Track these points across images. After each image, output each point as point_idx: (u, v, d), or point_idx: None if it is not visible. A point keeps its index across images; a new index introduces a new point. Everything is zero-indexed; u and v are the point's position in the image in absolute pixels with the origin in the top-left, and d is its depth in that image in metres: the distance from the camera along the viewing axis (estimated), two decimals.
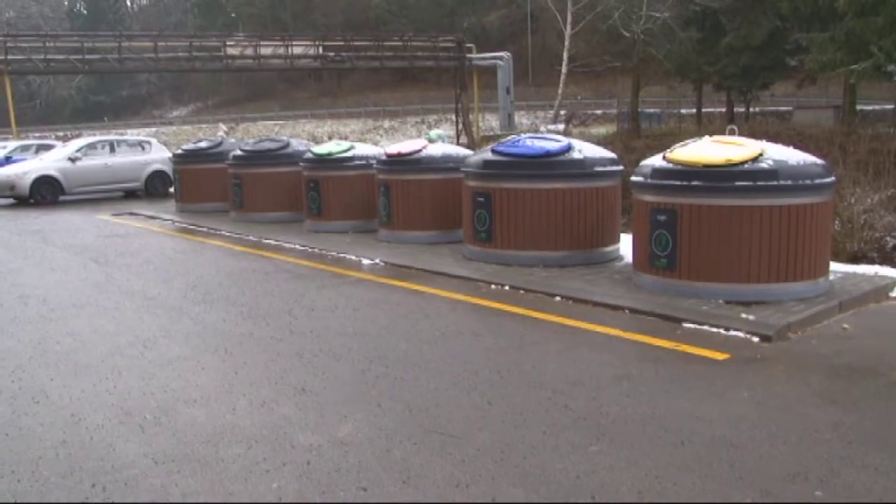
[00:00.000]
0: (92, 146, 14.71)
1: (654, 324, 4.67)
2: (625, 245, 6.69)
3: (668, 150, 5.41)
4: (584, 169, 6.35)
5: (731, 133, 5.53)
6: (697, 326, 4.51)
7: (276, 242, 8.43)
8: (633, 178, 5.55)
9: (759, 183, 4.82)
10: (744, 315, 4.59)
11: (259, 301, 5.64)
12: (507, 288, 5.78)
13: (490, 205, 6.53)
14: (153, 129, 46.64)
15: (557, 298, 5.39)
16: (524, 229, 6.41)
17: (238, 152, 10.42)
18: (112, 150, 14.75)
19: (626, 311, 4.98)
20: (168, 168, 14.55)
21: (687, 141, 5.57)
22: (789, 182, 4.82)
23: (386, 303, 5.51)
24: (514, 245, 6.46)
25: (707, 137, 5.47)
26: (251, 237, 8.89)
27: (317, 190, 8.87)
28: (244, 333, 4.72)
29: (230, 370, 3.98)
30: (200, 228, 9.90)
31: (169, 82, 60.57)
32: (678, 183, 5.09)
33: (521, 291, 5.67)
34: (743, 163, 4.89)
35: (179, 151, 12.39)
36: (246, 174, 10.14)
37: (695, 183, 5.01)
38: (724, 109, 26.36)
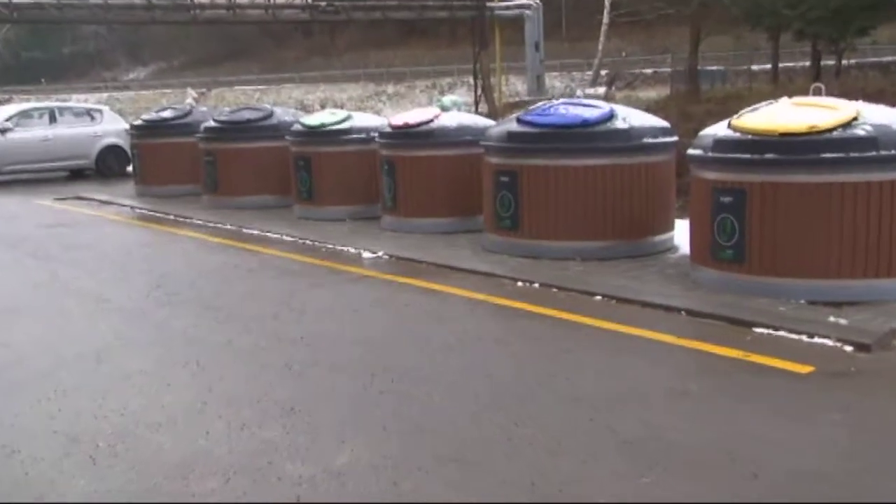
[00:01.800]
0: (26, 114, 14.18)
1: (718, 329, 4.65)
2: (680, 233, 6.66)
3: (735, 116, 5.37)
4: (629, 141, 6.33)
5: (817, 93, 5.40)
6: (772, 332, 4.49)
7: (259, 232, 8.47)
8: (691, 152, 5.52)
9: (853, 154, 4.71)
10: (833, 318, 4.55)
11: (239, 303, 5.68)
12: (536, 286, 5.78)
13: (515, 186, 6.54)
14: (104, 95, 46.52)
15: (598, 298, 5.40)
16: (557, 215, 6.41)
17: (211, 123, 10.50)
18: (53, 119, 14.21)
19: (683, 312, 4.97)
20: (125, 142, 14.11)
21: (759, 104, 5.51)
22: (892, 152, 4.69)
23: (392, 304, 5.53)
24: (545, 234, 6.47)
25: (785, 99, 5.40)
26: (229, 226, 8.95)
27: (307, 169, 8.92)
28: (221, 342, 4.75)
29: (203, 386, 4.00)
30: (166, 216, 9.98)
31: (123, 37, 59.54)
32: (747, 156, 5.04)
33: (554, 290, 5.67)
34: (832, 129, 4.80)
35: (139, 122, 12.43)
36: (221, 150, 10.21)
37: (769, 156, 4.95)
38: (807, 64, 25.67)
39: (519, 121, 6.71)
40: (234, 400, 3.81)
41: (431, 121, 7.83)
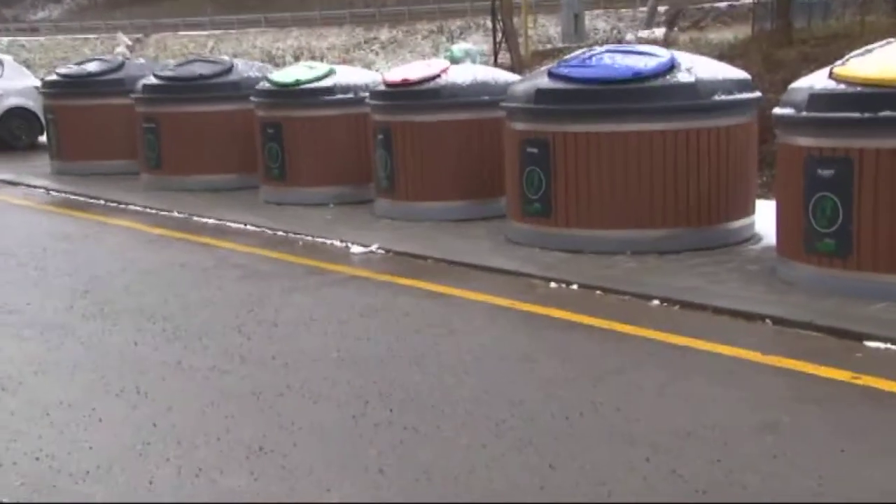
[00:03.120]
0: None
1: (817, 342, 4.64)
2: (764, 218, 6.66)
3: (839, 63, 5.34)
4: (696, 99, 6.34)
5: None
6: (891, 346, 4.47)
7: (217, 221, 8.52)
8: (779, 111, 5.51)
9: None
10: None
11: (192, 313, 5.70)
12: (574, 287, 5.80)
13: (547, 159, 6.55)
14: (4, 41, 45.89)
15: (655, 303, 5.42)
16: (601, 196, 6.42)
17: (152, 80, 10.54)
18: None
19: (768, 321, 4.97)
20: (35, 104, 13.92)
21: (871, 45, 5.48)
22: None
23: (389, 312, 5.55)
24: (586, 221, 6.48)
25: None
26: (176, 213, 8.99)
27: (278, 139, 8.96)
28: (168, 363, 4.77)
29: (146, 421, 4.02)
30: (94, 201, 10.04)
31: None
32: (855, 115, 5.02)
33: (598, 292, 5.68)
34: None
35: (54, 78, 12.42)
36: (166, 115, 10.27)
37: (884, 114, 4.93)
38: None
39: (551, 75, 6.72)
40: (186, 438, 3.81)
41: (438, 76, 7.85)
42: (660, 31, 30.19)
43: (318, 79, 8.95)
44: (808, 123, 5.27)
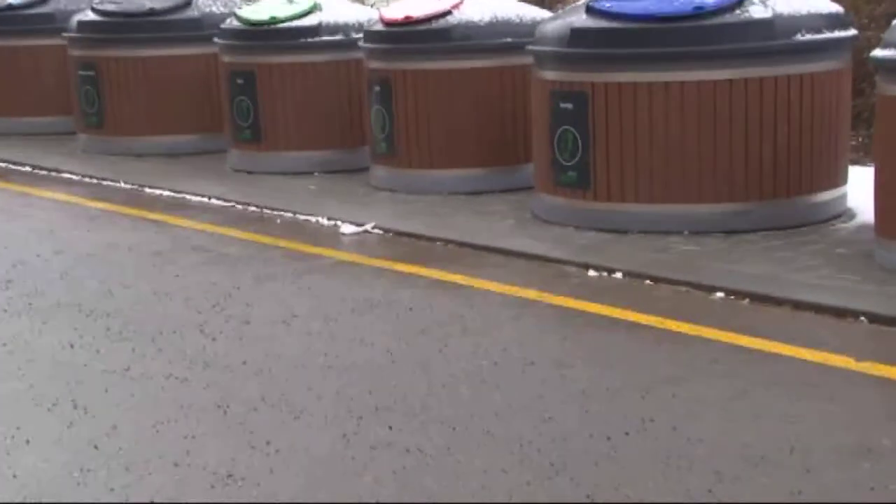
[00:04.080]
0: None
1: None
2: (859, 189, 6.65)
3: None
4: (774, 39, 6.32)
5: None
6: None
7: (173, 194, 8.54)
8: (881, 54, 5.49)
9: None
10: None
11: (142, 308, 5.72)
12: (618, 276, 5.81)
13: (585, 116, 6.54)
14: None
15: (719, 295, 5.43)
16: (651, 163, 6.42)
17: (90, 16, 10.48)
18: None
19: (863, 318, 4.97)
20: None
21: None
22: None
23: (388, 307, 5.56)
24: (634, 193, 6.49)
25: None
26: (123, 184, 9.02)
27: (250, 91, 8.96)
28: (113, 370, 4.78)
29: (85, 442, 4.02)
30: (16, 167, 10.07)
31: None
32: None
33: (648, 282, 5.70)
34: None
35: None
36: (108, 61, 10.26)
37: None
38: None
39: (590, 10, 6.68)
40: (135, 463, 3.81)
41: (449, 13, 7.84)
42: None
43: (300, 16, 8.93)
44: None
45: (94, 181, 9.21)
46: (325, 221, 7.35)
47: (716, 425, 3.96)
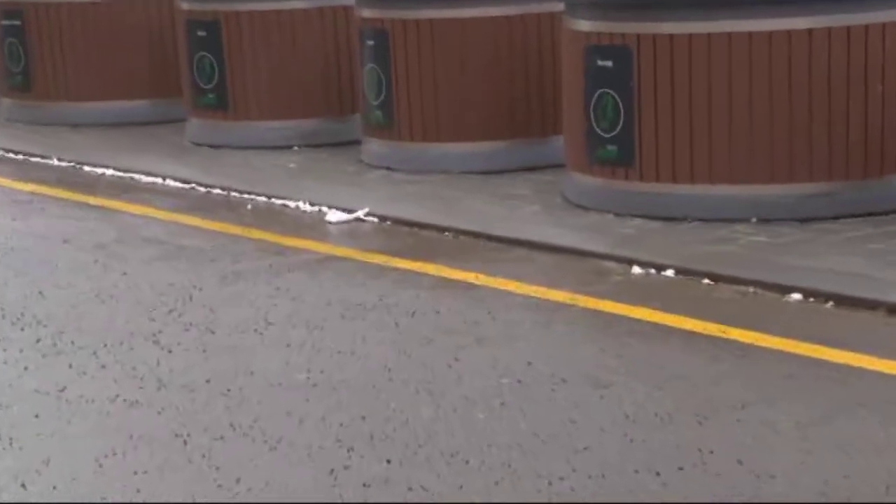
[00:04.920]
0: None
1: None
2: None
3: None
4: None
5: None
6: None
7: (121, 173, 8.58)
8: None
9: None
10: None
11: (82, 314, 5.73)
12: (670, 273, 5.82)
13: (628, 78, 6.55)
14: None
15: (795, 297, 5.44)
16: (713, 135, 6.40)
17: None
18: None
19: None
20: None
21: None
22: None
23: (385, 312, 5.57)
24: (690, 172, 6.48)
25: None
26: (56, 161, 9.06)
27: (214, 46, 9.01)
28: (44, 391, 4.77)
29: (7, 478, 3.99)
30: None
31: None
32: None
33: (706, 281, 5.70)
34: None
35: None
36: (36, 7, 10.26)
37: None
38: None
39: None
40: None
41: None
42: None
43: None
44: None
45: (21, 157, 9.23)
46: (307, 207, 7.35)
47: (790, 458, 3.93)
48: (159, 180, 8.27)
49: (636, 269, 5.88)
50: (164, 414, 4.48)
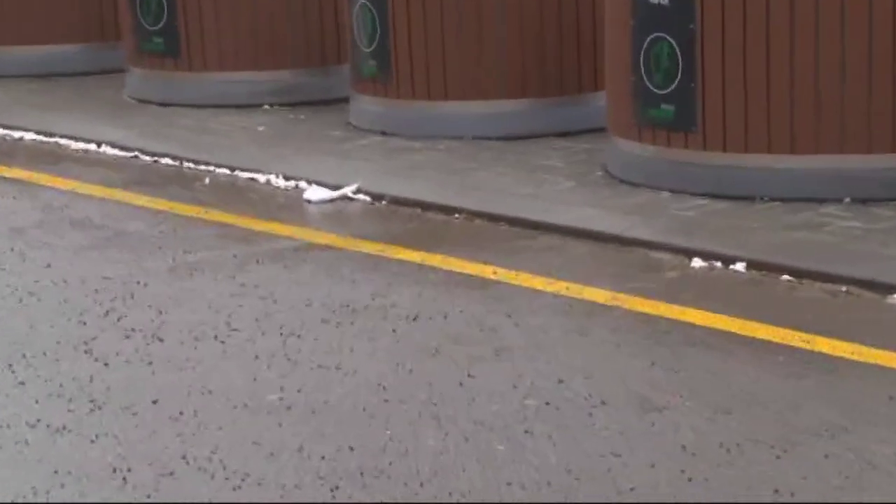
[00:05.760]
0: None
1: None
2: None
3: None
4: None
5: None
6: None
7: (44, 138, 8.62)
8: None
9: None
10: None
11: None
12: (739, 267, 5.81)
13: (689, 18, 6.52)
14: None
15: None
16: (794, 90, 6.38)
17: None
18: None
19: None
20: None
21: None
22: None
23: (379, 315, 5.57)
24: (763, 139, 6.47)
25: None
26: None
27: None
28: None
29: None
30: None
31: None
32: None
33: (785, 277, 5.68)
34: None
35: None
36: None
37: None
38: None
39: None
40: None
41: None
42: None
43: None
44: None
45: None
46: (280, 182, 7.36)
47: (891, 500, 3.92)
48: (92, 147, 8.27)
49: (697, 262, 5.86)
50: (98, 443, 4.45)
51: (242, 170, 7.59)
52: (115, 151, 8.15)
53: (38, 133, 8.60)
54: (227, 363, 5.13)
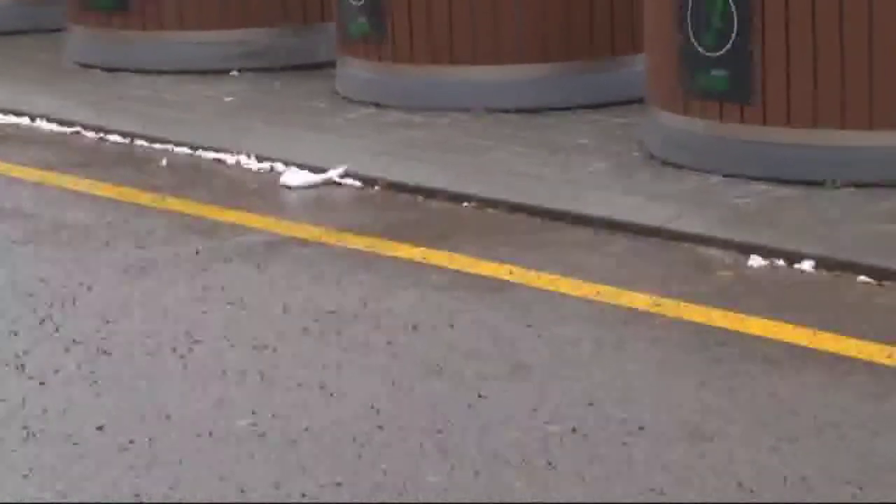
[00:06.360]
0: None
1: None
2: None
3: None
4: None
5: None
6: None
7: None
8: None
9: None
10: None
11: None
12: (807, 266, 5.78)
13: None
14: None
15: None
16: (873, 51, 6.36)
17: None
18: None
19: None
20: None
21: None
22: None
23: (374, 323, 5.56)
24: (835, 112, 6.45)
25: None
26: None
27: None
28: None
29: None
30: None
31: None
32: None
33: (862, 278, 5.66)
34: None
35: None
36: None
37: None
38: None
39: None
40: None
41: None
42: None
43: None
44: None
45: None
46: (252, 163, 7.38)
47: None
48: (24, 120, 8.31)
49: (756, 261, 5.84)
50: (32, 478, 4.42)
51: (206, 149, 7.63)
52: (53, 126, 8.20)
53: None
54: (187, 382, 5.10)
